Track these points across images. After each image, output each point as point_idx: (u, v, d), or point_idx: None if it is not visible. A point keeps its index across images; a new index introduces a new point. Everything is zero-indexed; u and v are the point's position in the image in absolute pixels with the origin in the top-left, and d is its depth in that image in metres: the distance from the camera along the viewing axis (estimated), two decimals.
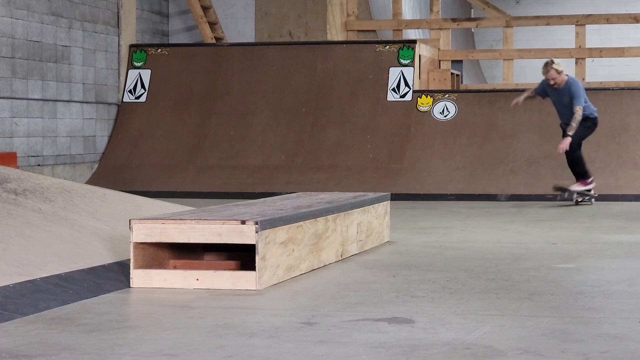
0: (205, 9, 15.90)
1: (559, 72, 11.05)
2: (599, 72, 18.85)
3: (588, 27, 15.42)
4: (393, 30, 16.31)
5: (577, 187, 11.25)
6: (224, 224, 5.32)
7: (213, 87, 14.25)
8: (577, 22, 15.38)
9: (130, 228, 5.38)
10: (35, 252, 5.46)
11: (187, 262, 5.66)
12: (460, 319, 4.51)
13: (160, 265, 5.53)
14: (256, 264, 5.29)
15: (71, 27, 13.12)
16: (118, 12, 14.23)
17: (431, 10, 16.56)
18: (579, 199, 11.33)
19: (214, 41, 15.69)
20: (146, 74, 14.44)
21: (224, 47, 14.93)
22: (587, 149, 12.91)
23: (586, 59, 15.20)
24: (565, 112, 11.12)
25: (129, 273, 5.39)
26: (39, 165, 12.42)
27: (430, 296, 5.14)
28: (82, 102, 13.39)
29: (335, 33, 15.86)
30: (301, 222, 5.86)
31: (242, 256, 5.71)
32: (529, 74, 21.39)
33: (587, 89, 13.87)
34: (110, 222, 6.60)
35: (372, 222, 7.18)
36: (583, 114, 10.95)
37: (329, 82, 14.03)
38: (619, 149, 12.74)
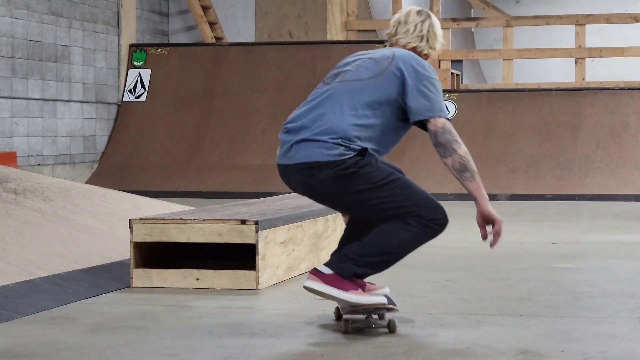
0: (205, 8, 15.89)
1: None
2: (599, 72, 18.81)
3: (588, 27, 15.40)
4: None
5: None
6: (224, 224, 5.32)
7: (213, 87, 14.25)
8: (577, 22, 15.37)
9: (130, 228, 5.38)
10: (35, 252, 5.46)
11: (187, 261, 5.66)
12: (460, 319, 4.50)
13: (160, 265, 5.52)
14: (256, 264, 5.29)
15: (71, 27, 13.11)
16: (118, 12, 14.22)
17: (431, 10, 16.55)
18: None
19: (214, 41, 15.68)
20: (146, 74, 14.44)
21: (224, 47, 14.93)
22: (587, 148, 12.91)
23: (586, 59, 15.19)
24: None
25: (129, 273, 5.39)
26: (39, 165, 12.41)
27: (430, 296, 5.14)
28: (82, 102, 13.38)
29: (335, 33, 15.85)
30: (301, 222, 5.86)
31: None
32: (529, 74, 21.38)
33: (587, 89, 13.90)
34: (110, 222, 6.60)
35: None
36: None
37: None
38: (619, 149, 12.73)
